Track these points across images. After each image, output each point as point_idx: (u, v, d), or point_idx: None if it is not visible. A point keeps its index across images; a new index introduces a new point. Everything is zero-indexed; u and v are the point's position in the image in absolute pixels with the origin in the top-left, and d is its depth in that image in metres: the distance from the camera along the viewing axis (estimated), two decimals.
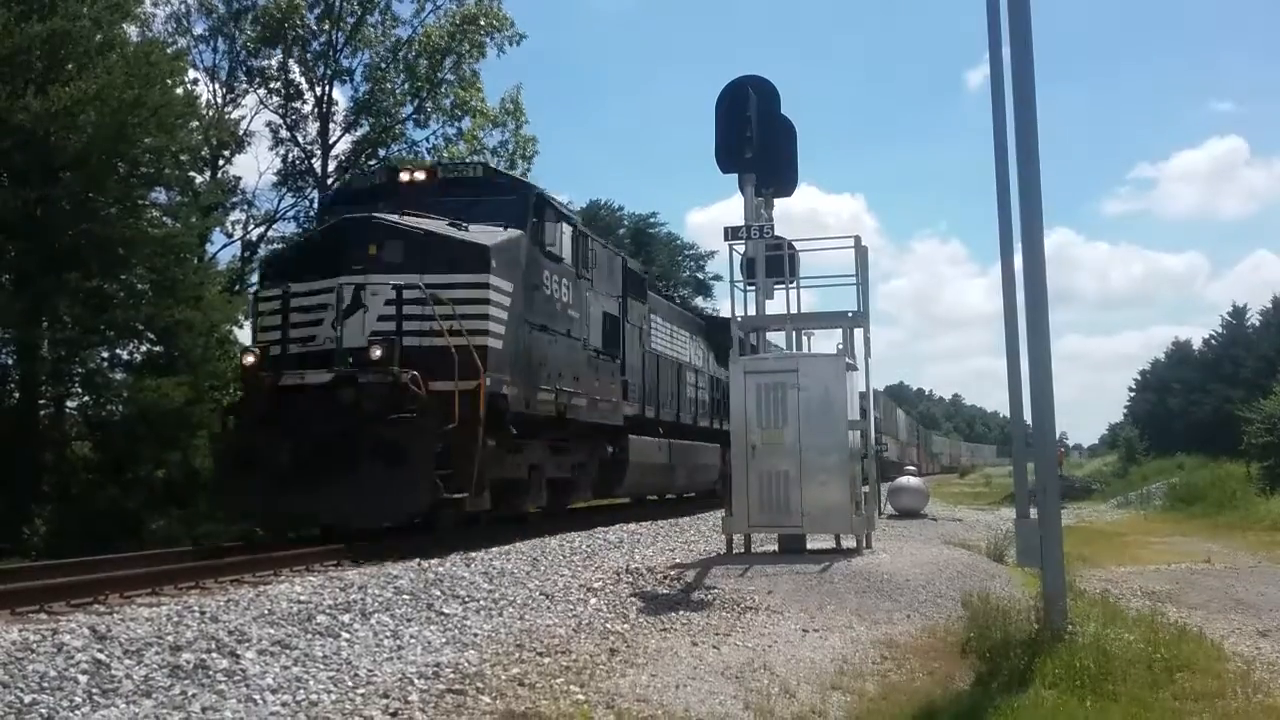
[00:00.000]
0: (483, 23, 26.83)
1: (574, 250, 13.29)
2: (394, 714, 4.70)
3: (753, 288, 12.26)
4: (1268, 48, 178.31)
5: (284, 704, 4.69)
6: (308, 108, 26.53)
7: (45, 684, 4.50)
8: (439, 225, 11.07)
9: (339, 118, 26.97)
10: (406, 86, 26.95)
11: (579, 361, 13.35)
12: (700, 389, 20.11)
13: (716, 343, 20.48)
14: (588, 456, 14.19)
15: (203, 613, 6.03)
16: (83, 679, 4.61)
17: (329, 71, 26.27)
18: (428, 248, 10.68)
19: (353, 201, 12.36)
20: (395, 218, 10.97)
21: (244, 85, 25.95)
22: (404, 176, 12.39)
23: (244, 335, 17.20)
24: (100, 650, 5.01)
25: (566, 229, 13.11)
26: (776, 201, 12.40)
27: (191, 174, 18.83)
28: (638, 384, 15.91)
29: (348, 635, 6.02)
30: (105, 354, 16.53)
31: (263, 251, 24.71)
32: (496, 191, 12.29)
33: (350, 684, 5.10)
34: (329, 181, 25.50)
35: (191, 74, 21.43)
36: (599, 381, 14.06)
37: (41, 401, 16.14)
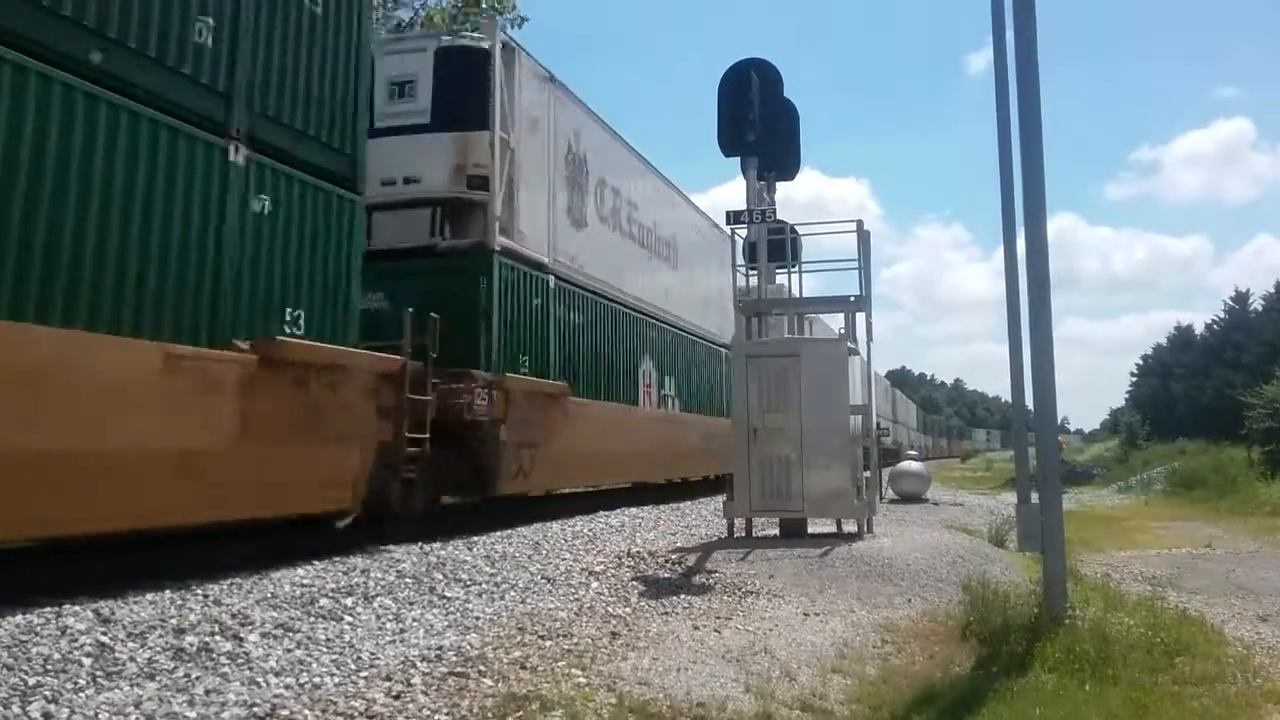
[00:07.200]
0: (484, 5, 26.69)
1: None
2: (396, 696, 4.72)
3: (754, 272, 12.27)
4: (1276, 33, 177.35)
5: (287, 686, 4.70)
6: None
7: (49, 666, 4.51)
8: None
9: None
10: None
11: None
12: None
13: None
14: None
15: (205, 596, 6.06)
16: (87, 661, 4.63)
17: None
18: None
19: None
20: None
21: None
22: None
23: None
24: (104, 633, 5.04)
25: None
26: (779, 185, 12.38)
27: None
28: None
29: (350, 618, 6.04)
30: None
31: None
32: None
33: (353, 667, 5.12)
34: None
35: None
36: None
37: None
